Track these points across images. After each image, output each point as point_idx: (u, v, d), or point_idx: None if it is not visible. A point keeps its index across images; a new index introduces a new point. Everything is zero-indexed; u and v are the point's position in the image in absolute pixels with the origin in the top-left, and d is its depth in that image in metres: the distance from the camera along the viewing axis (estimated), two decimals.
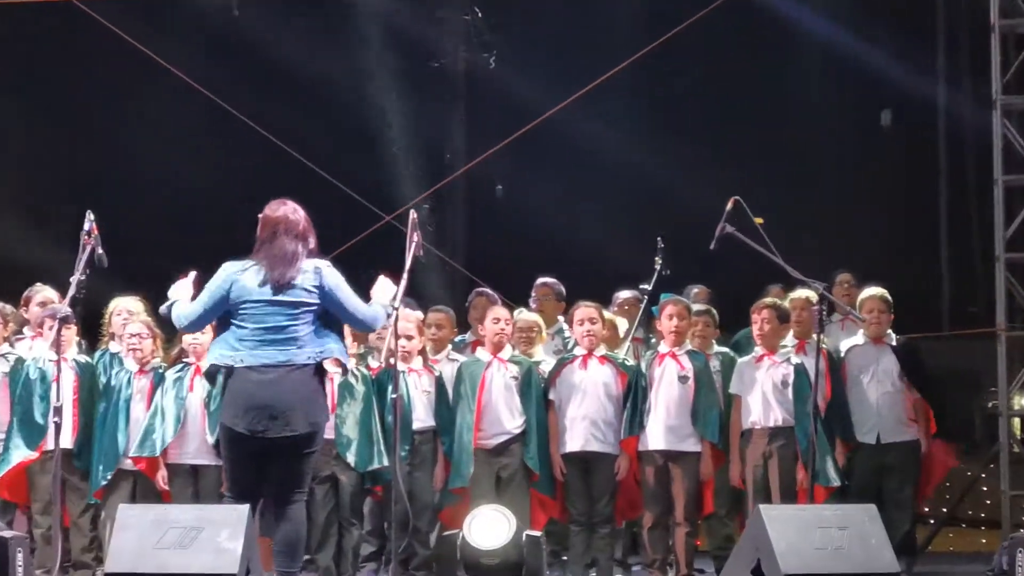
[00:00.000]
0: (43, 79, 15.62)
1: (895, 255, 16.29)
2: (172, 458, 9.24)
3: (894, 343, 9.91)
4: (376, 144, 16.14)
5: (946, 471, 10.27)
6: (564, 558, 9.83)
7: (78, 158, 15.61)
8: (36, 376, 9.35)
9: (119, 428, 9.27)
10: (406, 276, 8.23)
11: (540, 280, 10.99)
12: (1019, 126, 11.87)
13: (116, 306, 9.76)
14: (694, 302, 10.34)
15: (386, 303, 7.86)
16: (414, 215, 8.48)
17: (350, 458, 9.29)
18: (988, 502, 13.25)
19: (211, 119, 14.07)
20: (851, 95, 16.84)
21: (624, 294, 10.94)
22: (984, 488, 12.95)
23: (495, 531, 8.68)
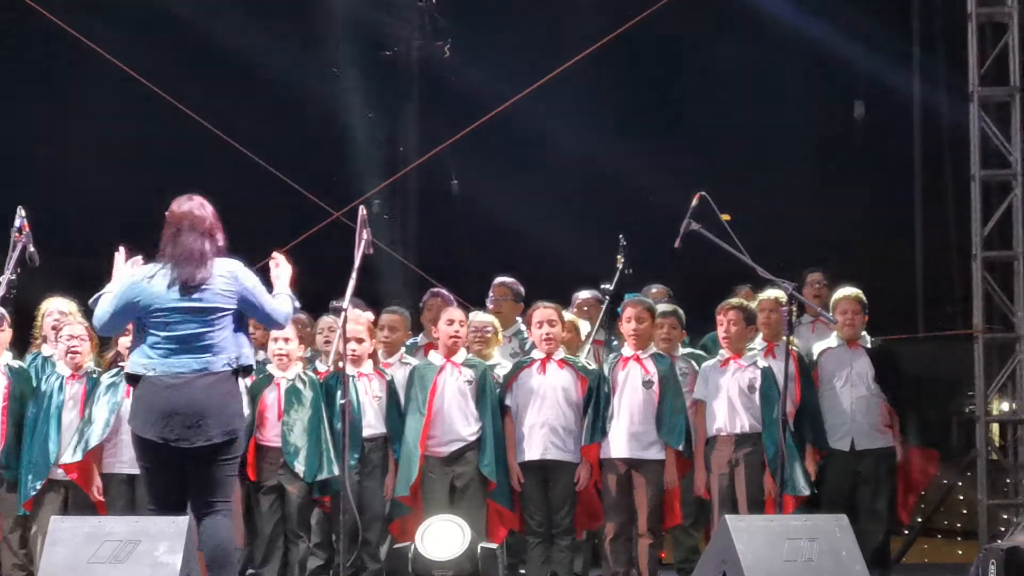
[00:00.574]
0: None
1: (868, 253, 16.32)
2: (107, 467, 9.19)
3: (869, 345, 9.93)
4: (324, 136, 16.06)
5: (927, 480, 10.30)
6: (522, 572, 9.81)
7: (3, 148, 15.43)
8: None
9: (50, 436, 9.21)
10: (355, 275, 8.22)
11: (498, 280, 10.98)
12: (997, 119, 11.93)
13: (48, 307, 9.70)
14: (656, 302, 10.34)
15: (288, 291, 7.79)
16: (363, 211, 8.46)
17: (297, 467, 9.26)
18: (965, 512, 13.33)
19: (149, 109, 13.94)
20: (822, 86, 16.83)
21: (584, 294, 10.94)
22: (961, 497, 13.03)
23: (448, 542, 8.68)
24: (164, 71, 13.67)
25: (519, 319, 10.73)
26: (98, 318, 7.53)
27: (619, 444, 9.33)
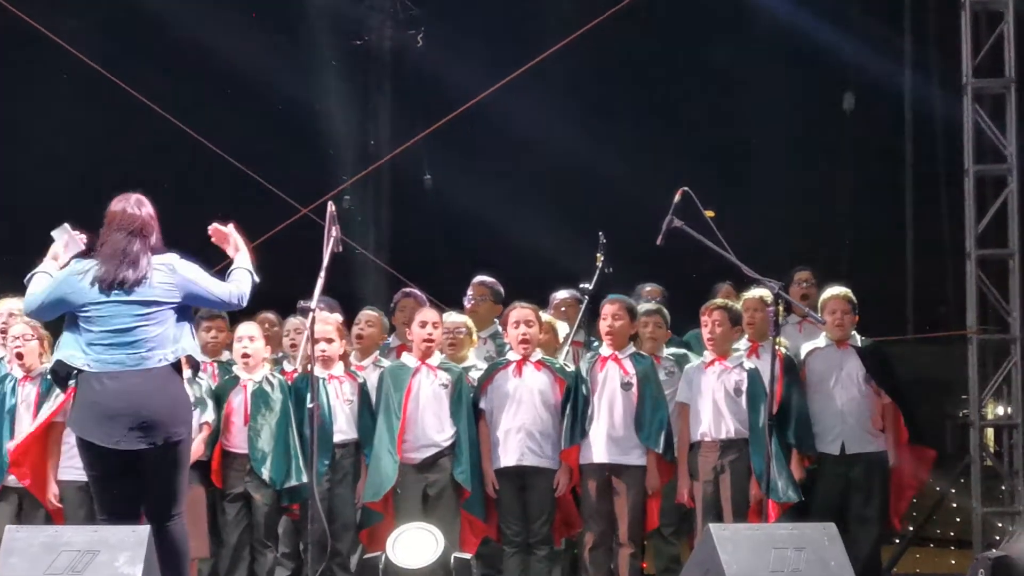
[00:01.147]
0: None
1: (857, 251, 16.38)
2: (63, 474, 9.13)
3: (859, 345, 9.90)
4: (292, 129, 16.04)
5: (919, 486, 10.28)
6: None
7: None
8: None
9: (2, 441, 9.17)
10: (323, 274, 8.20)
11: (477, 279, 10.95)
12: (991, 111, 11.94)
13: None
14: (645, 301, 10.34)
15: (248, 265, 7.80)
16: (332, 207, 8.43)
17: (265, 474, 9.24)
18: (958, 519, 13.34)
19: (111, 103, 13.90)
20: (810, 76, 16.85)
21: (562, 294, 10.92)
22: (954, 504, 13.03)
23: (420, 550, 8.66)
24: (124, 62, 13.61)
25: (497, 320, 10.71)
26: (28, 302, 7.58)
27: (599, 449, 9.31)
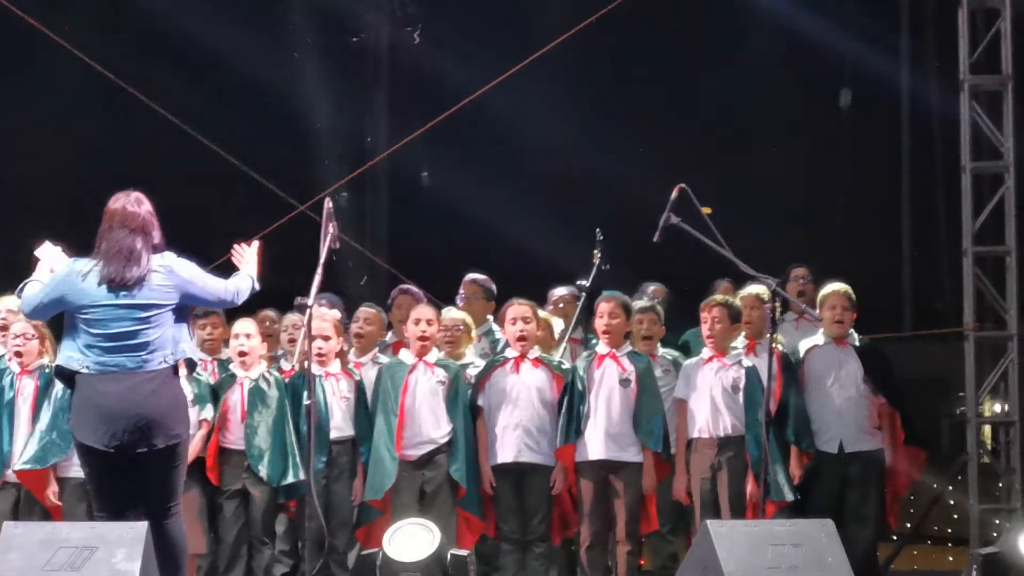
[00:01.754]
0: None
1: (854, 247, 16.37)
2: (62, 471, 9.14)
3: (857, 343, 9.89)
4: (289, 126, 16.04)
5: (910, 483, 10.28)
6: None
7: None
8: None
9: (1, 436, 9.19)
10: (320, 271, 8.22)
11: (469, 276, 10.96)
12: (988, 108, 11.94)
13: None
14: (649, 300, 10.34)
15: (252, 273, 7.84)
16: (329, 204, 8.45)
17: (262, 471, 9.25)
18: (955, 517, 13.36)
19: (107, 100, 13.93)
20: (807, 73, 16.88)
21: (559, 291, 10.93)
22: (951, 502, 13.04)
23: (416, 545, 8.66)
24: (120, 58, 13.61)
25: (490, 318, 10.72)
26: (27, 303, 7.59)
27: (596, 446, 9.30)
